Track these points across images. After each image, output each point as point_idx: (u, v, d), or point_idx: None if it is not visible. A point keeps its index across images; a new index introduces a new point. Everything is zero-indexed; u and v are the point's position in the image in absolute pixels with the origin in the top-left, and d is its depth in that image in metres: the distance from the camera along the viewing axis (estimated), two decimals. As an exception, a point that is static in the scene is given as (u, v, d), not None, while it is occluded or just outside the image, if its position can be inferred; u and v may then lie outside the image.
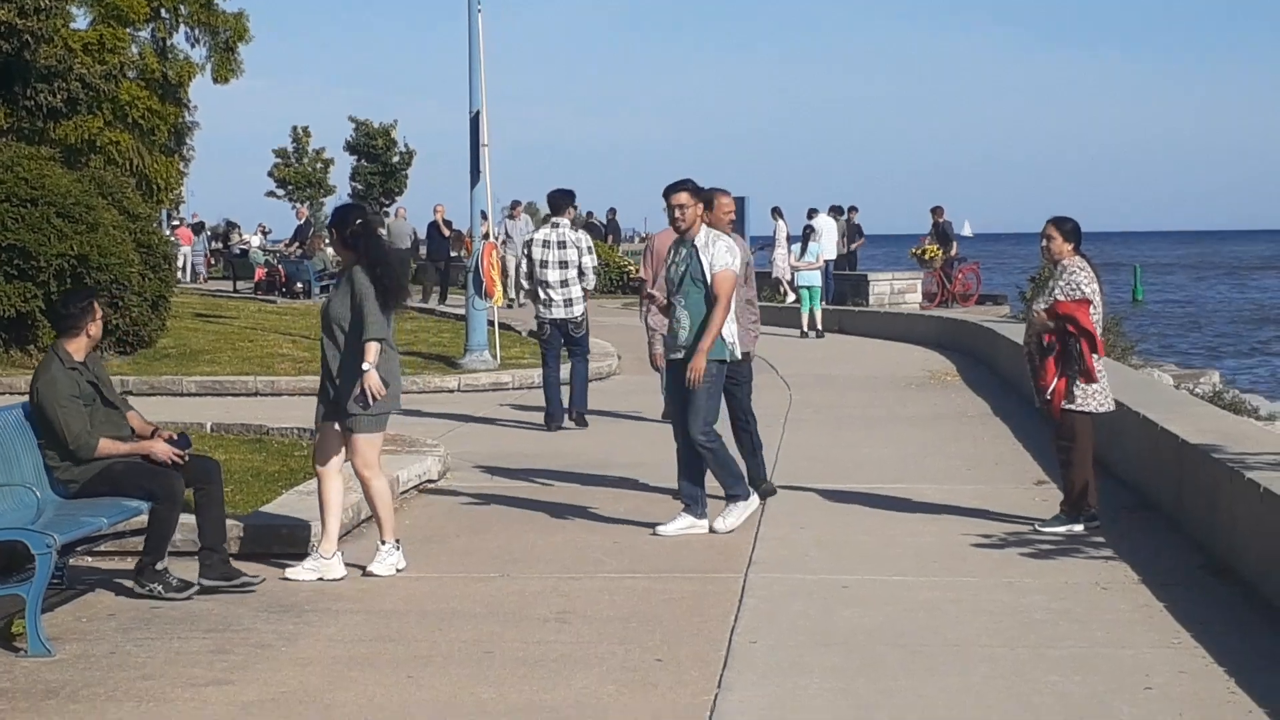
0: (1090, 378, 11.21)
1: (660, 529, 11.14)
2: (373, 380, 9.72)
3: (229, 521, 10.41)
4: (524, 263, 17.86)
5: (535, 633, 8.64)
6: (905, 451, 15.40)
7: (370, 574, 9.93)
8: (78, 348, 9.69)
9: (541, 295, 17.13)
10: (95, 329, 9.82)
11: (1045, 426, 16.61)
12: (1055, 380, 11.19)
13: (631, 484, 13.07)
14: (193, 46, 42.37)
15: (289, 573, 9.90)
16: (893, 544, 10.93)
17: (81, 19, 37.71)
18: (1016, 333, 23.04)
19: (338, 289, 10.14)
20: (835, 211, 38.60)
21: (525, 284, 18.16)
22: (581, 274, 17.10)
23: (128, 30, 38.93)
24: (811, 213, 36.75)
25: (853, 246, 39.49)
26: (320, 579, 9.82)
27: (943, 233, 36.80)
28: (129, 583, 9.51)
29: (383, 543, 10.11)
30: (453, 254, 40.15)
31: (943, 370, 23.68)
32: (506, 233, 36.21)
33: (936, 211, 37.42)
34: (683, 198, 11.31)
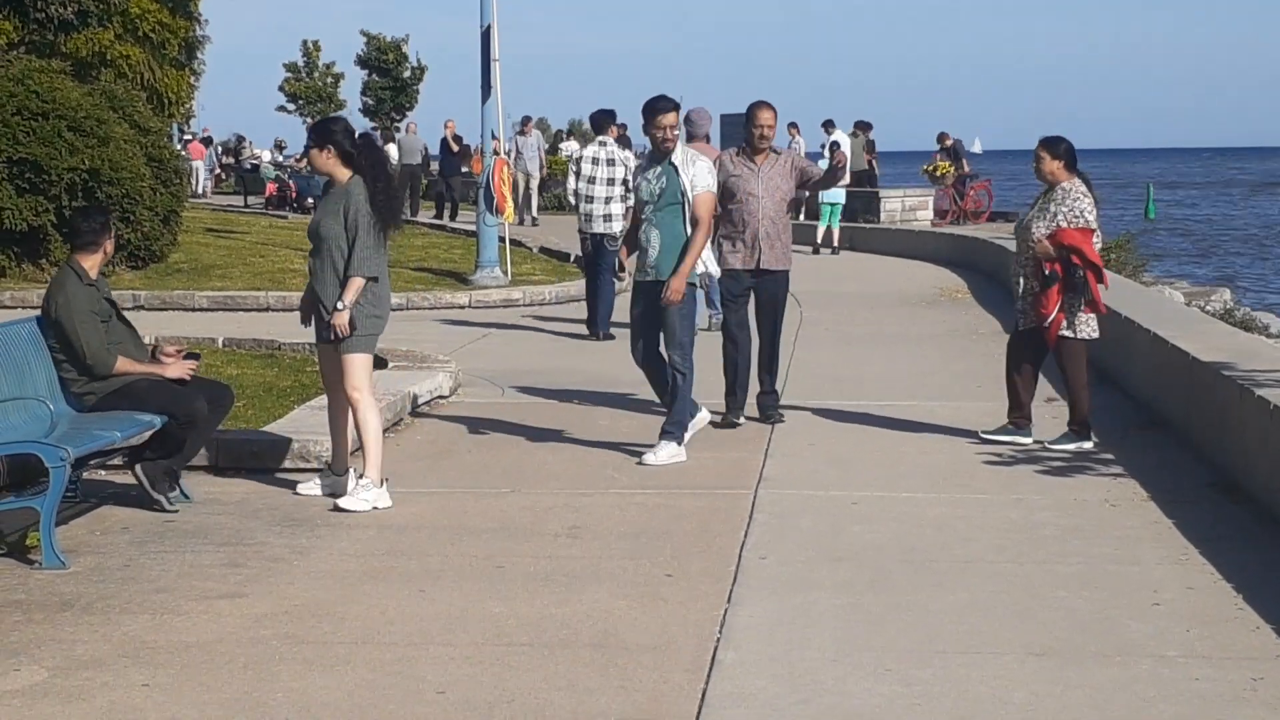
0: (1096, 308, 11.24)
1: (646, 458, 10.97)
2: (340, 320, 9.49)
3: (241, 438, 10.54)
4: (571, 178, 18.26)
5: (546, 548, 8.69)
6: (916, 369, 15.42)
7: (340, 509, 9.53)
8: (93, 264, 9.70)
9: (584, 209, 17.80)
10: (110, 246, 9.85)
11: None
12: (1056, 310, 11.14)
13: (642, 401, 13.09)
14: (204, -42, 42.16)
15: (342, 501, 9.63)
16: (902, 461, 10.97)
17: (91, -69, 37.51)
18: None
19: (326, 205, 9.83)
20: (861, 127, 38.33)
21: (571, 199, 18.53)
22: (626, 193, 17.31)
23: (138, -59, 38.71)
24: (828, 126, 36.48)
25: (873, 163, 39.23)
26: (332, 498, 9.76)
27: (953, 152, 36.68)
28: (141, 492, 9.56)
29: (360, 476, 9.73)
30: (463, 170, 40.09)
31: (954, 287, 23.67)
32: (517, 149, 36.12)
33: (942, 137, 37.30)
34: (671, 118, 11.24)
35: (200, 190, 52.05)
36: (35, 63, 23.56)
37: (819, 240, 31.20)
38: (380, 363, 10.26)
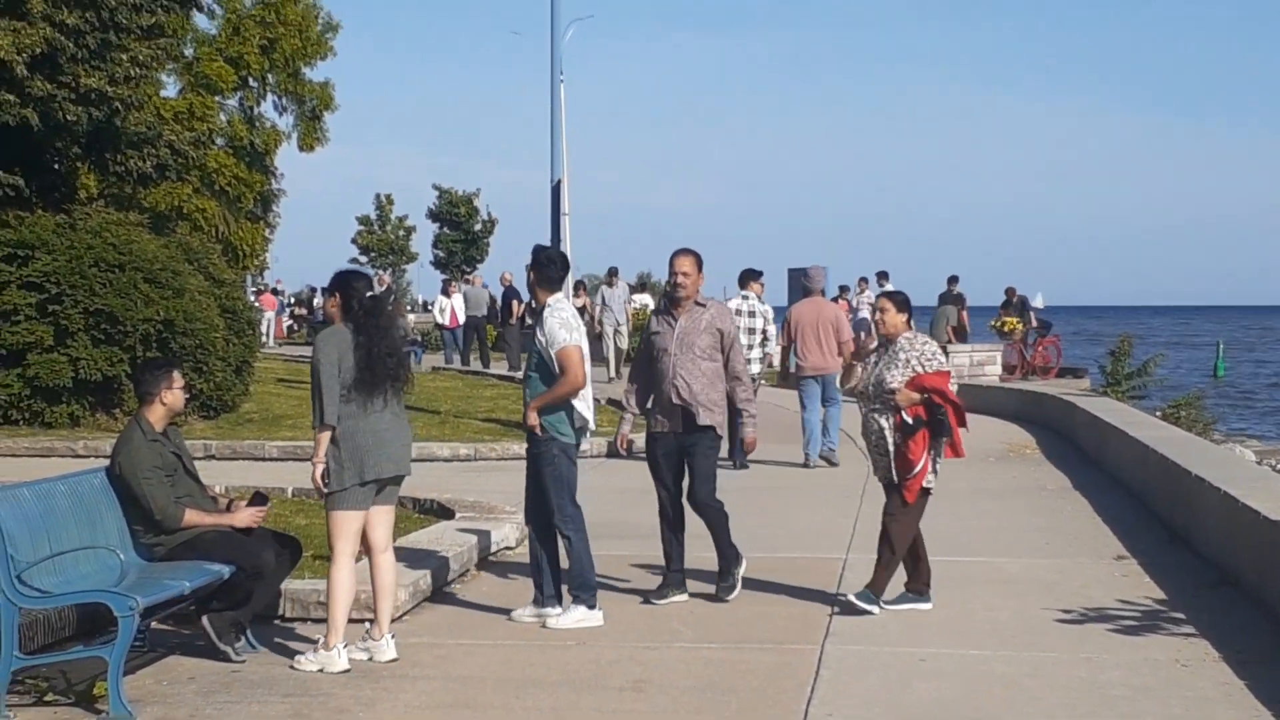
0: (958, 450, 11.15)
1: (549, 622, 10.64)
2: (314, 476, 9.44)
3: (308, 586, 10.59)
4: None
5: (611, 701, 8.66)
6: (984, 524, 15.33)
7: (293, 667, 9.39)
8: (156, 417, 9.80)
9: None
10: (171, 398, 9.85)
11: (1125, 501, 16.58)
12: (924, 458, 10.93)
13: (705, 553, 13.04)
14: (280, 115, 43.05)
15: (296, 660, 9.49)
16: (970, 617, 10.89)
17: (171, 88, 38.35)
18: (1098, 406, 22.96)
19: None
20: (952, 281, 38.48)
21: None
22: (765, 340, 19.81)
23: (216, 99, 39.56)
24: (881, 278, 36.69)
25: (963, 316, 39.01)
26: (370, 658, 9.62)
27: (1020, 307, 36.70)
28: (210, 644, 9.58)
29: (318, 640, 9.56)
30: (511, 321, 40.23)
31: (1022, 443, 23.57)
32: (604, 300, 36.21)
33: (1009, 292, 37.40)
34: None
35: (268, 340, 52.55)
36: (113, 215, 24.02)
37: None
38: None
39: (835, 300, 38.81)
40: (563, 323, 10.61)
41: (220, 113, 40.23)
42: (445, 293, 42.70)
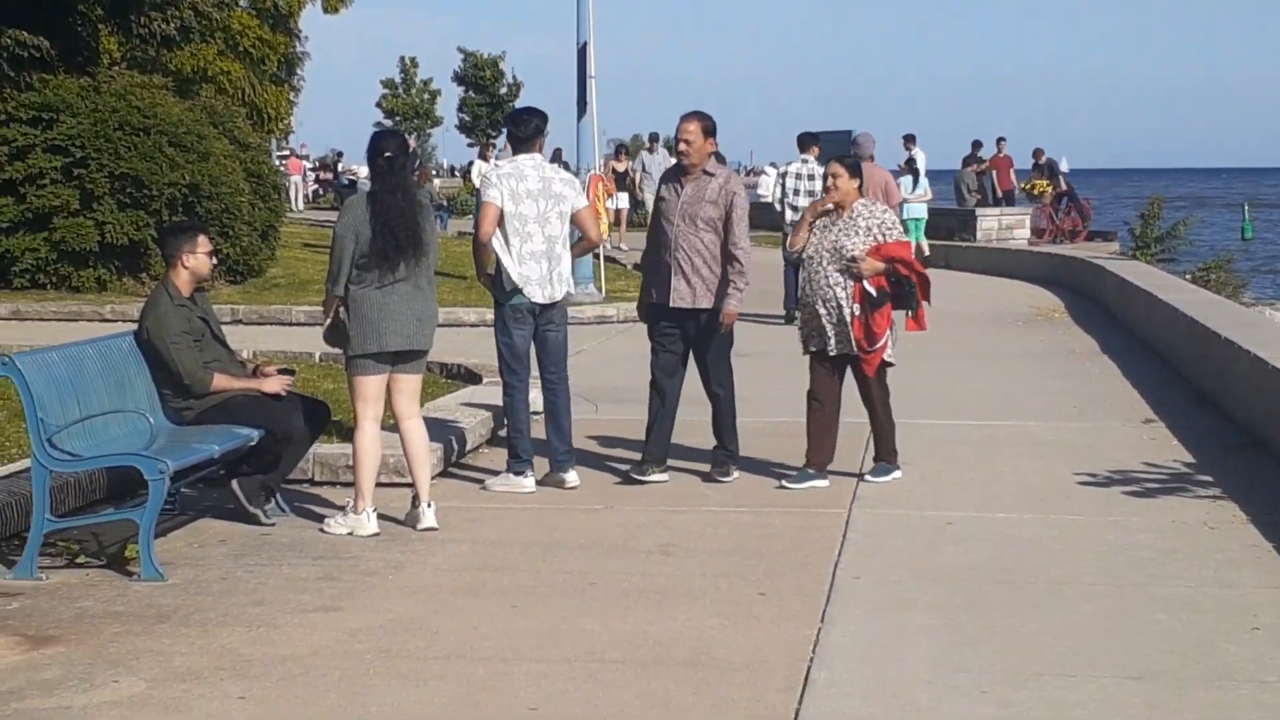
0: (921, 323, 10.92)
1: (488, 482, 10.80)
2: (324, 335, 9.60)
3: (338, 450, 10.63)
4: (776, 189, 21.49)
5: (639, 564, 8.69)
6: (1011, 388, 15.32)
7: (322, 530, 9.47)
8: (182, 282, 9.76)
9: (789, 217, 20.29)
10: (194, 262, 9.76)
11: (1154, 365, 16.53)
12: (888, 332, 10.73)
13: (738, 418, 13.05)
14: (304, -26, 42.62)
15: (326, 524, 9.54)
16: (998, 481, 10.90)
17: (193, -52, 37.99)
18: (1126, 270, 22.87)
19: None
20: (976, 146, 38.18)
21: (777, 206, 21.40)
22: None
23: (239, -41, 39.16)
24: (908, 142, 36.27)
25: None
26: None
27: (1050, 170, 36.44)
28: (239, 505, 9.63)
29: (346, 504, 9.62)
30: None
31: (1050, 307, 23.50)
32: (644, 166, 35.89)
33: (1037, 154, 37.09)
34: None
35: (297, 206, 52.55)
36: (138, 78, 23.89)
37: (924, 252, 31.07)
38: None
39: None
40: (485, 180, 10.80)
41: (243, -27, 39.94)
42: (483, 157, 42.49)
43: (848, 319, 10.61)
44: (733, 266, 10.77)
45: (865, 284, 10.56)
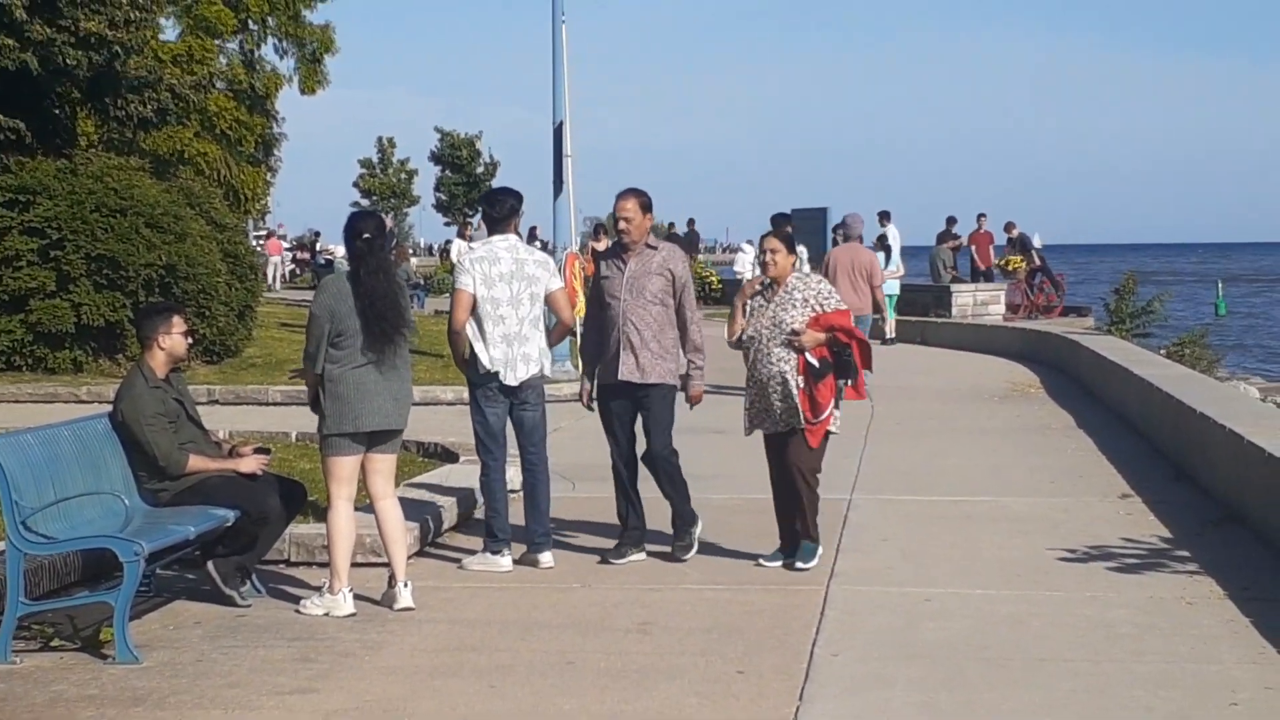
0: (860, 391, 10.75)
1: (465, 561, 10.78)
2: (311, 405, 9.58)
3: (314, 530, 10.60)
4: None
5: (617, 643, 8.67)
6: (989, 463, 15.33)
7: (299, 611, 9.41)
8: (157, 363, 9.76)
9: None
10: (170, 343, 9.76)
11: (1130, 439, 16.57)
12: (832, 402, 10.51)
13: (718, 495, 13.05)
14: (280, 58, 42.83)
15: (302, 605, 9.50)
16: (976, 557, 10.89)
17: (170, 31, 38.16)
18: (1102, 345, 22.95)
19: None
20: (950, 222, 38.40)
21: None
22: None
23: (216, 42, 39.36)
24: (883, 219, 36.56)
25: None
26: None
27: (1021, 244, 36.63)
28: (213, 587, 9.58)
29: (322, 585, 9.60)
30: None
31: (1026, 382, 23.56)
32: None
33: (1009, 227, 37.31)
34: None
35: (274, 286, 52.60)
36: (114, 160, 23.93)
37: (888, 334, 31.28)
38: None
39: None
40: (458, 266, 10.82)
41: (220, 56, 40.01)
42: (461, 235, 42.58)
43: (794, 393, 10.45)
44: (690, 344, 10.88)
45: (808, 355, 10.43)
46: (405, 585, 9.53)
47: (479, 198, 12.14)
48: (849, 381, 10.62)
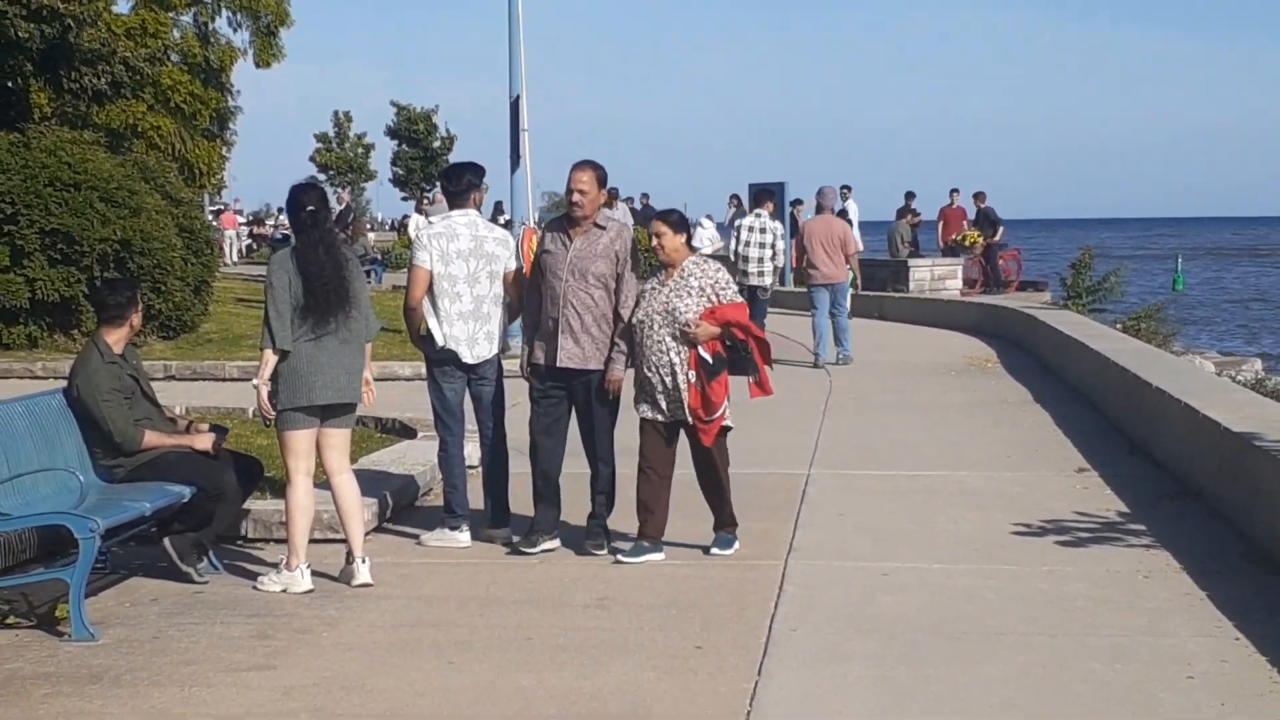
0: (765, 388, 10.23)
1: (423, 536, 10.67)
2: (259, 398, 9.42)
3: (271, 507, 10.56)
4: (732, 241, 23.05)
5: (575, 619, 8.67)
6: (945, 438, 15.37)
7: (256, 588, 9.38)
8: (118, 339, 9.72)
9: (741, 267, 22.03)
10: (137, 319, 9.87)
11: (1086, 413, 16.64)
12: (726, 399, 10.02)
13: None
14: (234, 31, 42.56)
15: (259, 581, 9.48)
16: (933, 531, 10.92)
17: (124, 3, 37.86)
18: (1058, 319, 23.02)
19: None
20: (909, 197, 38.43)
21: (731, 258, 22.31)
22: (774, 254, 22.41)
23: (169, 15, 39.10)
24: (844, 192, 36.81)
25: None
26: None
27: (987, 218, 36.65)
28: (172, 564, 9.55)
29: (280, 561, 9.55)
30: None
31: (983, 357, 23.63)
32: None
33: (979, 197, 37.27)
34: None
35: (231, 260, 52.41)
36: (68, 134, 23.78)
37: None
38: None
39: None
40: (416, 241, 10.74)
41: (174, 29, 39.73)
42: (419, 210, 42.46)
43: (682, 386, 9.94)
44: (619, 327, 10.32)
45: (700, 350, 9.90)
46: (363, 561, 9.51)
47: (438, 172, 12.06)
48: (753, 378, 10.20)
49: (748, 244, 22.46)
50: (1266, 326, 49.40)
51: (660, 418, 10.11)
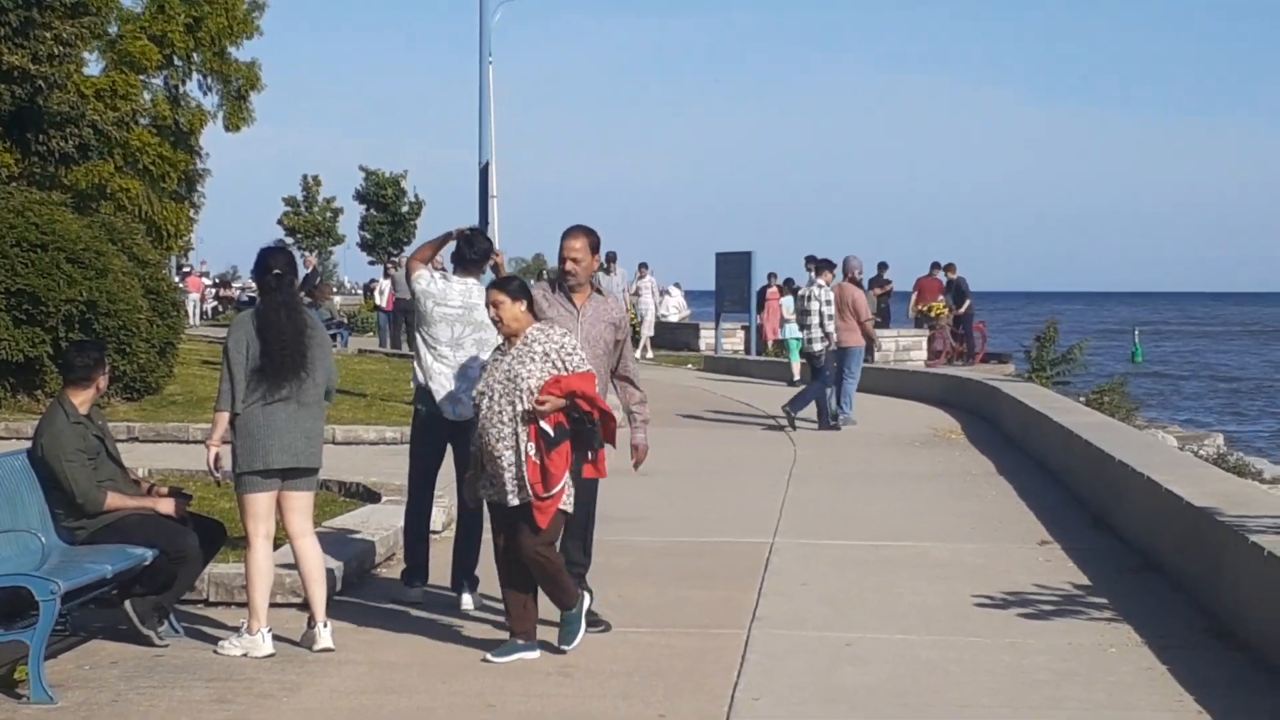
0: (599, 469, 9.44)
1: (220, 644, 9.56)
2: (208, 456, 9.55)
3: (233, 570, 10.53)
4: (798, 311, 24.28)
5: (538, 686, 8.64)
6: (909, 509, 15.39)
7: (217, 651, 9.29)
8: (84, 400, 9.71)
9: (804, 334, 23.48)
10: (104, 381, 9.86)
11: (1049, 486, 16.68)
12: (566, 475, 9.14)
13: (634, 537, 13.05)
14: (205, 94, 42.69)
15: (220, 646, 9.39)
16: (896, 602, 10.93)
17: (94, 65, 37.93)
18: (1022, 392, 23.10)
19: None
20: (882, 268, 38.68)
21: (797, 328, 24.74)
22: (820, 321, 23.10)
23: (140, 77, 39.18)
24: (809, 263, 37.16)
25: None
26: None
27: (958, 289, 36.84)
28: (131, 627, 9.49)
29: (241, 625, 9.46)
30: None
31: (947, 428, 23.69)
32: (599, 288, 35.77)
33: (949, 269, 37.49)
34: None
35: (194, 322, 52.37)
36: (35, 195, 23.73)
37: (795, 374, 31.87)
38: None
39: (767, 287, 39.15)
40: (420, 276, 10.73)
41: (144, 91, 39.80)
42: (387, 275, 42.49)
43: (523, 461, 9.08)
44: (635, 396, 10.15)
45: (541, 423, 9.05)
46: (325, 626, 9.47)
47: (459, 238, 11.80)
48: (590, 457, 9.35)
49: (805, 312, 23.67)
50: (1226, 402, 49.68)
51: (504, 500, 9.17)
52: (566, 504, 9.21)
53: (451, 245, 10.81)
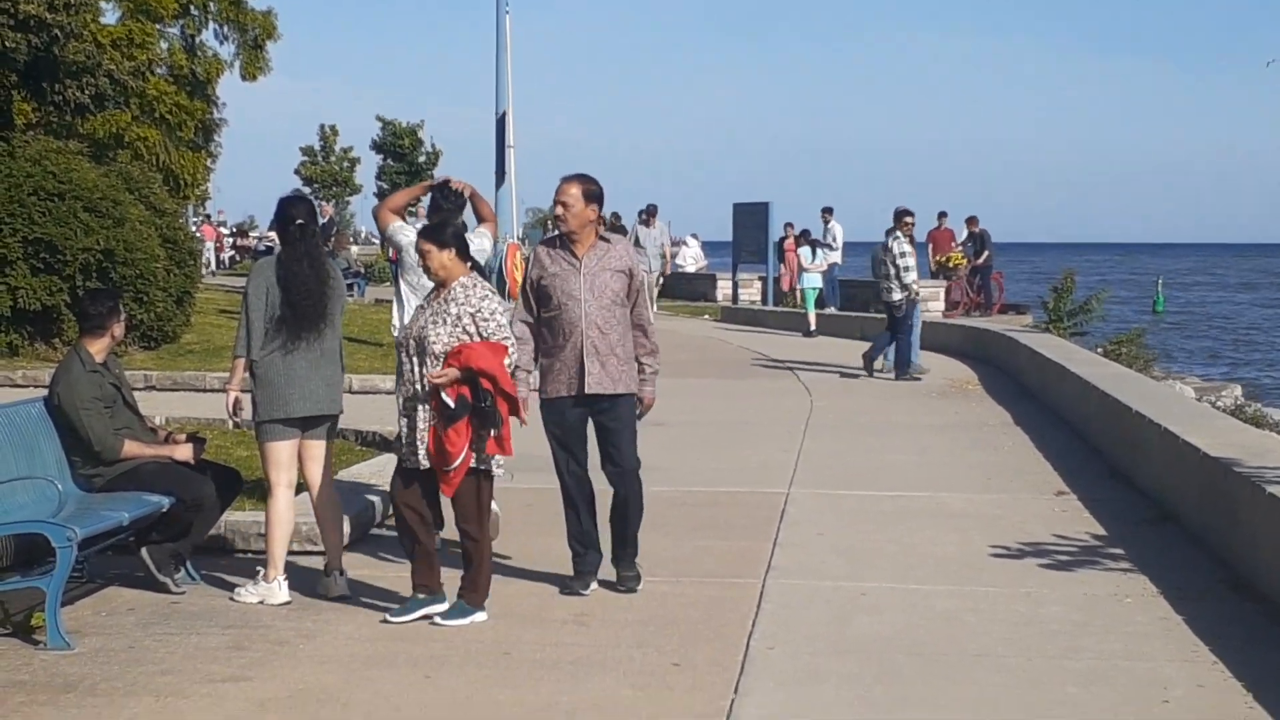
0: (504, 447, 8.89)
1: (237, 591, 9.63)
2: (227, 400, 9.59)
3: (249, 518, 10.54)
4: (887, 266, 23.43)
5: (553, 634, 8.66)
6: (926, 459, 15.38)
7: (233, 599, 9.33)
8: (100, 348, 9.72)
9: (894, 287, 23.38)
10: (119, 329, 9.86)
11: (1066, 437, 16.66)
12: (465, 452, 8.74)
13: (650, 487, 13.02)
14: (221, 43, 42.51)
15: (236, 592, 9.46)
16: (911, 552, 10.92)
17: (110, 14, 37.80)
18: (1039, 343, 23.06)
19: None
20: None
21: (886, 282, 23.71)
22: (897, 272, 23.16)
23: (156, 26, 39.03)
24: (826, 214, 37.49)
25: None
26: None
27: (979, 241, 36.75)
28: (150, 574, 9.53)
29: (258, 572, 9.44)
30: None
31: (964, 379, 23.65)
32: (638, 240, 35.35)
33: (971, 221, 37.41)
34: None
35: (211, 271, 52.41)
36: (52, 144, 23.74)
37: (811, 326, 31.99)
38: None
39: (784, 239, 39.11)
40: (400, 229, 10.81)
41: (161, 40, 39.66)
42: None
43: (421, 426, 8.82)
44: (645, 347, 9.81)
45: (443, 393, 8.69)
46: (342, 574, 9.50)
47: (434, 190, 11.78)
48: (493, 432, 8.86)
49: (883, 263, 23.68)
50: (1244, 355, 49.55)
51: (418, 464, 8.86)
52: (498, 470, 9.03)
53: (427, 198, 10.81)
